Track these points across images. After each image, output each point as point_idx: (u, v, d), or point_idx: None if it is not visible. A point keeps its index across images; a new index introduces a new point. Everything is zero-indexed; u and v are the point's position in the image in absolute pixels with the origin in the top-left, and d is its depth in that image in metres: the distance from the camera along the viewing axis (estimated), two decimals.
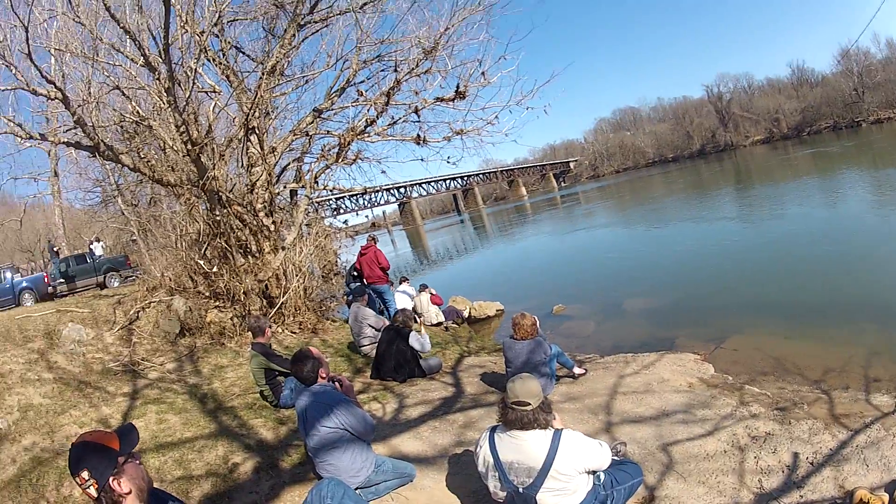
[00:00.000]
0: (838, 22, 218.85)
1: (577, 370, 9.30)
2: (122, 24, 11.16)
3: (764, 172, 60.25)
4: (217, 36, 14.44)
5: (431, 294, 16.72)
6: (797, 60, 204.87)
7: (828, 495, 5.09)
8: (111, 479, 3.17)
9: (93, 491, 3.15)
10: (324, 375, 5.98)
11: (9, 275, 27.91)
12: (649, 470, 5.81)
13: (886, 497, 4.74)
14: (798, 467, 5.58)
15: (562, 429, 4.76)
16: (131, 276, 27.12)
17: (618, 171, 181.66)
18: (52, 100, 11.08)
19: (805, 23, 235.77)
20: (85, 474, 3.13)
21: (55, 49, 11.79)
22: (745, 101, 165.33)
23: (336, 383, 6.09)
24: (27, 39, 9.97)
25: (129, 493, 3.23)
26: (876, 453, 5.55)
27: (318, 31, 15.29)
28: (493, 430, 4.99)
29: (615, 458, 5.18)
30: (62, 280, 27.69)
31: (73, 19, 11.67)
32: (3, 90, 10.94)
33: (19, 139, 11.88)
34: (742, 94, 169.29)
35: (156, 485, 3.65)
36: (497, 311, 17.56)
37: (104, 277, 28.68)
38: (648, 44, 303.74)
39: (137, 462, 3.37)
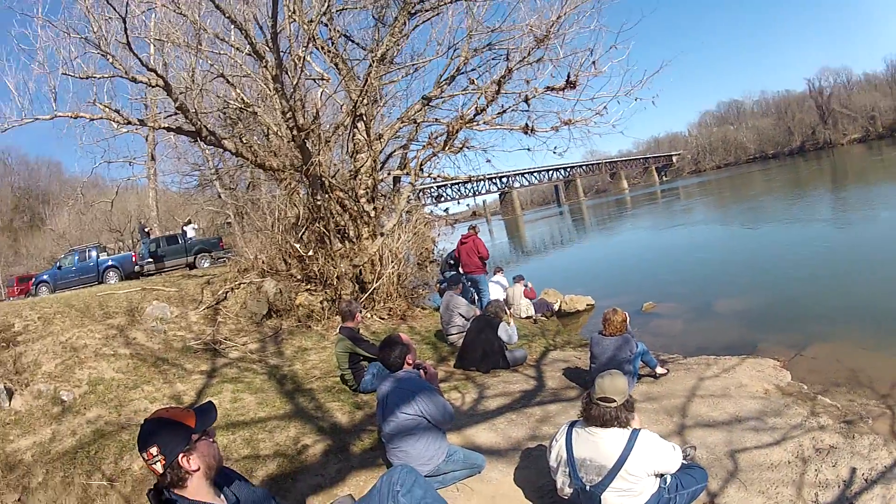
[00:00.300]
0: None
1: (659, 370, 9.24)
2: (227, 14, 11.41)
3: (859, 173, 58.47)
4: (326, 25, 14.69)
5: (526, 287, 16.67)
6: (892, 55, 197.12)
7: None
8: (181, 455, 3.22)
9: (159, 467, 3.19)
10: (410, 362, 6.11)
11: (94, 253, 29.46)
12: (714, 476, 5.77)
13: None
14: (853, 483, 5.51)
15: (639, 429, 4.78)
16: (223, 258, 27.77)
17: (719, 166, 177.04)
18: (152, 87, 11.36)
19: None
20: (154, 450, 3.18)
21: (155, 39, 12.09)
22: (844, 96, 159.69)
23: (421, 370, 6.20)
24: (125, 30, 10.22)
25: (198, 470, 3.28)
26: None
27: (428, 19, 15.37)
28: (571, 425, 5.03)
29: (684, 461, 5.17)
30: (150, 259, 28.70)
31: (175, 11, 11.93)
32: (99, 78, 11.20)
33: (115, 125, 12.33)
34: (841, 90, 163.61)
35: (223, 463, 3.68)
36: (587, 305, 17.40)
37: (195, 258, 29.52)
38: (756, 33, 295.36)
39: (211, 440, 3.43)
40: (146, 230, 34.72)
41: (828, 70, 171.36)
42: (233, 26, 12.14)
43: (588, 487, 4.70)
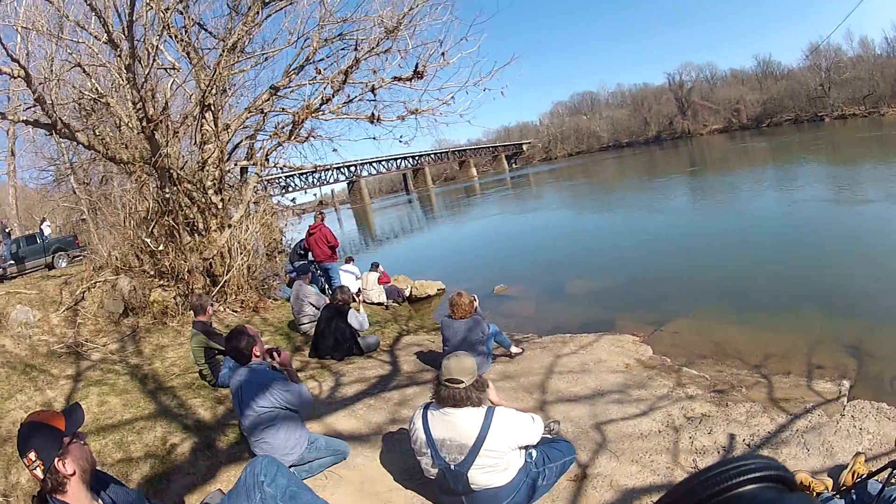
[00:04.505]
0: (811, 18, 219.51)
1: (513, 349, 9.41)
2: (88, 1, 11.00)
3: (717, 160, 60.77)
4: (181, 13, 14.16)
5: (380, 274, 16.71)
6: (764, 53, 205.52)
7: None
8: (56, 459, 3.19)
9: (39, 472, 3.17)
10: (258, 353, 5.94)
11: None
12: (582, 448, 5.84)
13: (830, 482, 4.71)
14: (734, 448, 5.65)
15: (494, 406, 4.78)
16: (79, 257, 26.59)
17: (571, 154, 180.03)
18: (14, 78, 10.84)
19: (776, 17, 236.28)
20: (32, 455, 3.16)
21: (22, 27, 11.65)
22: (707, 90, 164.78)
23: (274, 353, 6.11)
24: None
25: (73, 474, 3.26)
26: (817, 438, 5.62)
27: (281, 8, 14.99)
28: (426, 407, 5.00)
29: (548, 436, 5.27)
30: (13, 262, 26.99)
31: None
32: None
33: None
34: (704, 84, 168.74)
35: (97, 467, 3.68)
36: (438, 290, 17.73)
37: (52, 258, 28.04)
38: (616, 30, 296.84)
39: (82, 443, 3.41)
40: (7, 230, 32.51)
41: (690, 65, 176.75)
42: (93, 13, 11.67)
43: (453, 466, 4.69)
